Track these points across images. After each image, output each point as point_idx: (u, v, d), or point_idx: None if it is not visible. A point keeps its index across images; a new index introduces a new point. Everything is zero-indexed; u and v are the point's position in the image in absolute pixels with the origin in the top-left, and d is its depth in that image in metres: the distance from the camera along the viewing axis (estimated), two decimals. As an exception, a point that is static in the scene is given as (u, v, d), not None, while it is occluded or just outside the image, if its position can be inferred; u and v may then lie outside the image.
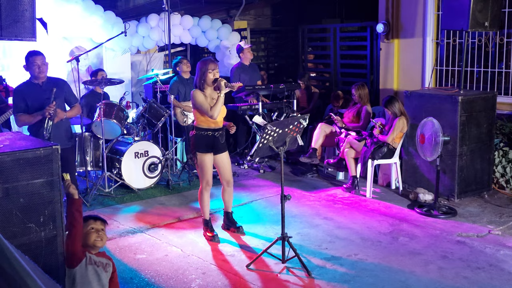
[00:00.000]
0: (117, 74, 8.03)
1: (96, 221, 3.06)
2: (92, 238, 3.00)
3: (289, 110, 7.69)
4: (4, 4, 3.69)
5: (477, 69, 7.03)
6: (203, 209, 4.97)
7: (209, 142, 4.80)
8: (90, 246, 3.01)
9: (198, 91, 4.76)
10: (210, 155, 4.83)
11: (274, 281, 4.06)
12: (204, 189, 4.89)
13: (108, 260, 3.10)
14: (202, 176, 4.86)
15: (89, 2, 7.62)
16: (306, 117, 4.42)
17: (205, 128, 4.79)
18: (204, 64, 4.76)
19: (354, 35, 10.34)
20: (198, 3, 8.93)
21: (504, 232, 4.96)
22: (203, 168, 4.82)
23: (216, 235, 4.91)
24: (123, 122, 6.44)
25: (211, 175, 4.86)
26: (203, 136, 4.79)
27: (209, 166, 4.83)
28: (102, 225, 3.07)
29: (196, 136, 4.82)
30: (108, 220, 5.39)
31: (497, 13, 5.95)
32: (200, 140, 4.79)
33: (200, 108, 4.72)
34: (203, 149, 4.79)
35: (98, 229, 3.03)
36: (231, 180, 5.03)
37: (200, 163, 4.81)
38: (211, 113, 4.67)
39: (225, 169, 4.95)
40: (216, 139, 4.82)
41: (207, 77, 4.73)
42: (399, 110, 6.14)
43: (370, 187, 6.18)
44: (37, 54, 4.90)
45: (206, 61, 4.80)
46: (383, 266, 4.27)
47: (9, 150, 3.32)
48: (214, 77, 4.74)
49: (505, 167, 6.19)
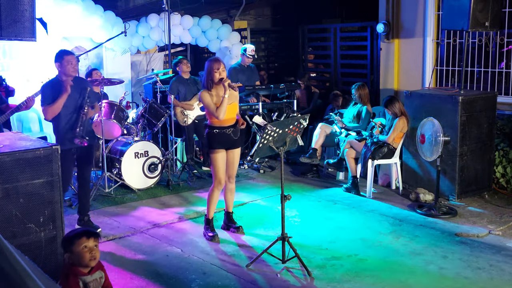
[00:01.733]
0: (117, 74, 8.03)
1: (88, 239, 2.90)
2: (87, 259, 2.88)
3: (289, 110, 7.68)
4: (4, 4, 3.69)
5: (478, 69, 7.02)
6: (210, 207, 4.95)
7: (222, 139, 4.81)
8: (84, 266, 2.90)
9: (205, 92, 4.76)
10: (223, 152, 4.84)
11: (274, 281, 4.05)
12: (216, 188, 4.89)
13: (101, 273, 3.00)
14: (215, 174, 4.86)
15: (89, 2, 7.62)
16: (306, 117, 4.42)
17: (217, 126, 4.81)
18: (210, 63, 4.78)
19: (354, 35, 10.34)
20: (198, 3, 8.93)
21: (504, 232, 4.95)
22: (215, 165, 4.83)
23: (216, 235, 4.90)
24: (123, 122, 6.44)
25: (223, 173, 4.87)
26: (215, 134, 4.81)
27: (221, 163, 4.83)
28: (95, 242, 2.93)
29: (209, 134, 4.84)
30: (108, 220, 5.43)
31: (497, 13, 5.94)
32: (213, 137, 4.81)
33: (207, 109, 4.77)
34: (216, 146, 4.81)
35: (91, 248, 2.89)
36: (234, 176, 5.04)
37: (213, 160, 4.83)
38: (217, 114, 4.70)
39: (231, 164, 4.97)
40: (229, 136, 4.84)
41: (213, 76, 4.74)
42: (399, 110, 6.13)
43: (370, 187, 6.17)
44: (72, 54, 5.05)
45: (211, 60, 4.82)
46: (383, 266, 4.26)
47: (9, 150, 3.32)
48: (220, 76, 4.74)
49: (506, 167, 6.18)
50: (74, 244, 2.87)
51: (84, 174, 5.21)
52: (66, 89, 4.84)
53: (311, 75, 10.45)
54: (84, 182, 5.23)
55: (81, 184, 5.24)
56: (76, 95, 4.97)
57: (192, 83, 7.29)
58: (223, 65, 4.82)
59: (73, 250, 2.87)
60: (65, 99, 4.87)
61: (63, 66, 4.90)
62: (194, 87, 7.27)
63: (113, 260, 4.45)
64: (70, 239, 2.91)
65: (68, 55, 4.96)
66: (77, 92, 4.98)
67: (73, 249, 2.87)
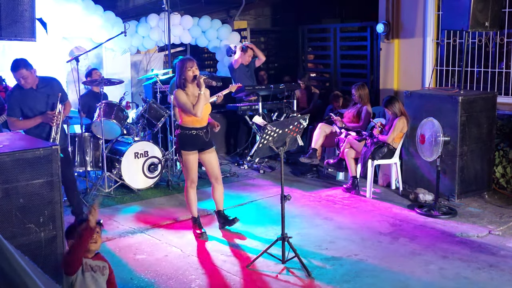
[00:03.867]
0: (117, 74, 8.03)
1: None
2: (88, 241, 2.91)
3: (289, 110, 7.68)
4: (3, 4, 3.69)
5: (477, 69, 7.02)
6: (191, 207, 5.05)
7: (194, 141, 4.86)
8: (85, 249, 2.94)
9: (179, 91, 4.81)
10: (195, 154, 4.90)
11: (274, 281, 4.05)
12: (190, 187, 4.97)
13: (104, 263, 3.05)
14: (187, 175, 4.94)
15: (89, 2, 7.62)
16: (306, 117, 4.42)
17: (189, 127, 4.85)
18: (182, 63, 4.82)
19: (354, 35, 10.33)
20: (198, 3, 8.93)
21: (504, 233, 4.95)
22: (187, 166, 4.89)
23: (204, 232, 4.95)
24: (123, 122, 6.44)
25: (195, 174, 4.95)
26: (187, 135, 4.85)
27: (193, 164, 4.90)
28: (97, 228, 2.98)
29: (181, 135, 4.88)
30: (108, 220, 5.42)
31: (497, 13, 5.94)
32: (185, 139, 4.86)
33: (184, 107, 4.79)
34: (188, 148, 4.86)
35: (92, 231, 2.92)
36: (220, 177, 5.09)
37: (185, 162, 4.89)
38: (194, 111, 4.73)
39: (212, 166, 5.01)
40: (201, 137, 4.88)
41: (186, 75, 4.78)
42: (399, 110, 6.13)
43: (370, 187, 6.17)
44: (22, 67, 4.76)
45: (184, 60, 4.87)
46: (383, 267, 4.26)
47: (8, 150, 3.32)
48: (194, 74, 4.78)
49: (506, 167, 6.18)
50: (77, 229, 2.91)
51: (67, 175, 4.95)
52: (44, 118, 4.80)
53: (311, 75, 10.45)
54: (70, 184, 5.10)
55: (67, 186, 5.04)
56: (42, 102, 4.90)
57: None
58: (196, 64, 4.86)
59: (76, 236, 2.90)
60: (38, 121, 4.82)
61: (15, 78, 4.77)
62: (194, 87, 7.27)
63: (113, 260, 4.44)
64: (72, 227, 3.01)
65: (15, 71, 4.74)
66: (44, 98, 4.91)
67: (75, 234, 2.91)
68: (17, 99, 4.84)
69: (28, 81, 4.81)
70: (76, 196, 5.26)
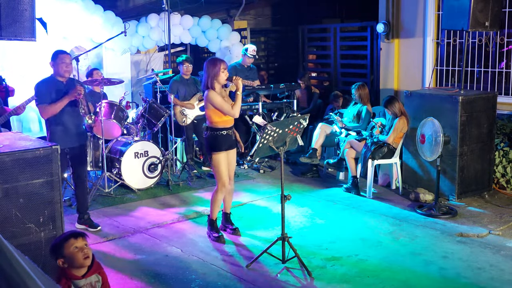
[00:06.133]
0: (117, 74, 8.02)
1: (77, 239, 2.83)
2: (80, 258, 2.81)
3: (289, 110, 7.68)
4: (3, 4, 3.68)
5: (478, 69, 7.02)
6: (214, 209, 4.92)
7: (225, 141, 4.77)
8: (78, 266, 2.84)
9: (214, 93, 4.67)
10: (226, 154, 4.81)
11: (274, 281, 4.05)
12: (220, 191, 4.83)
13: (96, 275, 2.93)
14: (219, 176, 4.78)
15: (89, 2, 7.62)
16: (306, 117, 4.41)
17: (220, 127, 4.74)
18: (215, 64, 4.69)
19: (354, 35, 10.33)
20: (198, 3, 8.93)
21: (504, 233, 4.95)
22: (220, 168, 4.77)
23: (221, 235, 4.88)
24: (123, 122, 6.43)
25: (227, 175, 4.82)
26: (221, 136, 4.74)
27: (225, 166, 4.79)
28: (84, 240, 2.85)
29: (213, 136, 4.74)
30: (108, 220, 5.42)
31: (497, 13, 5.94)
32: (219, 140, 4.73)
33: (221, 109, 4.66)
34: (221, 148, 4.75)
35: (81, 247, 2.82)
36: (233, 177, 5.02)
37: (217, 163, 4.76)
38: (233, 112, 4.69)
39: (233, 165, 4.96)
40: (230, 136, 4.82)
41: (219, 77, 4.69)
42: (399, 110, 6.13)
43: (370, 187, 6.17)
44: (67, 53, 5.09)
45: (216, 61, 4.74)
46: (383, 267, 4.26)
47: (9, 150, 3.32)
48: (226, 76, 4.72)
49: (506, 167, 6.18)
50: (63, 248, 2.81)
51: (79, 173, 5.22)
52: (71, 95, 4.89)
53: (311, 75, 10.45)
54: (80, 182, 5.23)
55: (77, 183, 5.24)
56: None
57: (192, 83, 7.28)
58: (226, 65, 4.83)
59: (65, 254, 2.80)
60: (66, 103, 4.91)
61: (55, 65, 4.95)
62: (194, 87, 7.27)
63: (113, 260, 4.45)
64: (59, 244, 2.85)
65: (63, 54, 5.00)
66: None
67: (64, 252, 2.80)
68: (49, 88, 4.96)
69: (69, 69, 5.00)
70: (85, 194, 5.30)
